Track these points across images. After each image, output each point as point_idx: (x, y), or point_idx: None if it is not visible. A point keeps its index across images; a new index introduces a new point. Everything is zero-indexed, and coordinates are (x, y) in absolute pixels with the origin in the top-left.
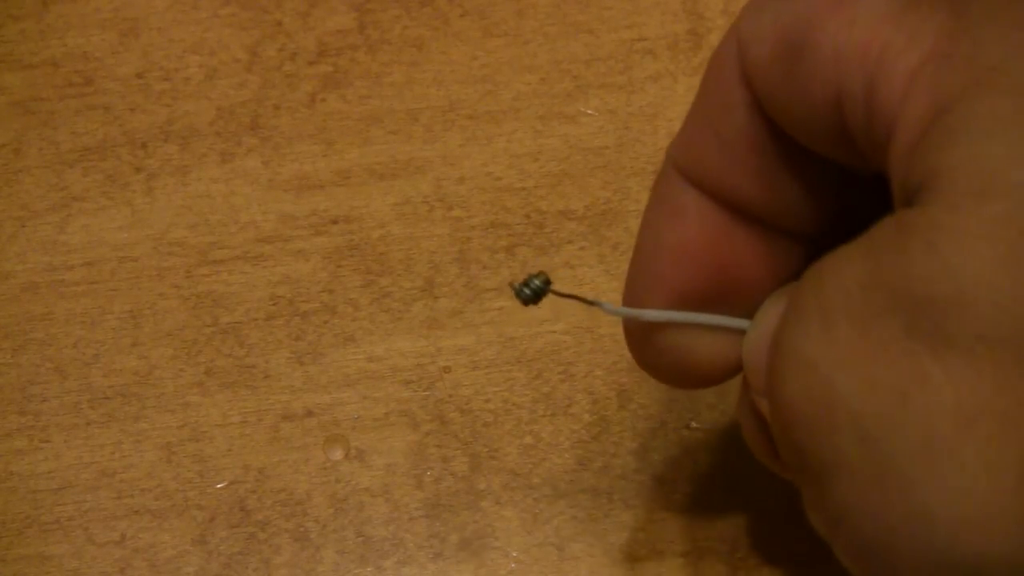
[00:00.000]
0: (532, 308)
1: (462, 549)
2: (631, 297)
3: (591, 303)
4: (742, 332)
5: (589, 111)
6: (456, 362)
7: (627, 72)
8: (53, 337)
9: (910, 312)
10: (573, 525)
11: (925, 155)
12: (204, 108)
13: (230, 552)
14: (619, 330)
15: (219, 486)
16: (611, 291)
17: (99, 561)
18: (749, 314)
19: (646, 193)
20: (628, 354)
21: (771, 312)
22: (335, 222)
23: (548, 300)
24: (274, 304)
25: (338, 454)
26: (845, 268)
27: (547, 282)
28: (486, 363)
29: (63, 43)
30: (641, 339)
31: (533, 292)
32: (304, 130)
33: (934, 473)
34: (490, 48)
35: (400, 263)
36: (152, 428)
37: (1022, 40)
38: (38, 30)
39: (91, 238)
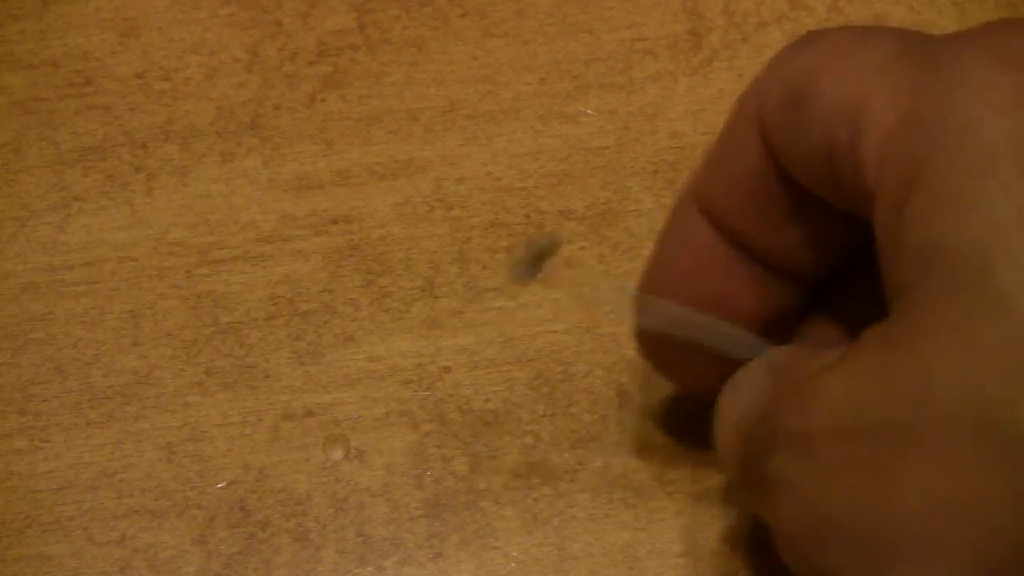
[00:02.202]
0: (532, 309)
1: (462, 549)
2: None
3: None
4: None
5: (589, 111)
6: (456, 362)
7: (627, 72)
8: (53, 337)
9: (884, 420)
10: (573, 525)
11: (902, 244)
12: (204, 108)
13: (230, 552)
14: (619, 330)
15: (219, 486)
16: (611, 291)
17: (99, 561)
18: None
19: (646, 193)
20: (628, 354)
21: (745, 385)
22: (335, 222)
23: (546, 304)
24: (274, 304)
25: (338, 454)
26: (830, 391)
27: (555, 243)
28: (486, 363)
29: (63, 43)
30: (645, 338)
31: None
32: (304, 130)
33: (911, 568)
34: (490, 48)
35: (400, 263)
36: (152, 428)
37: (992, 99)
38: (38, 30)
39: (91, 238)
